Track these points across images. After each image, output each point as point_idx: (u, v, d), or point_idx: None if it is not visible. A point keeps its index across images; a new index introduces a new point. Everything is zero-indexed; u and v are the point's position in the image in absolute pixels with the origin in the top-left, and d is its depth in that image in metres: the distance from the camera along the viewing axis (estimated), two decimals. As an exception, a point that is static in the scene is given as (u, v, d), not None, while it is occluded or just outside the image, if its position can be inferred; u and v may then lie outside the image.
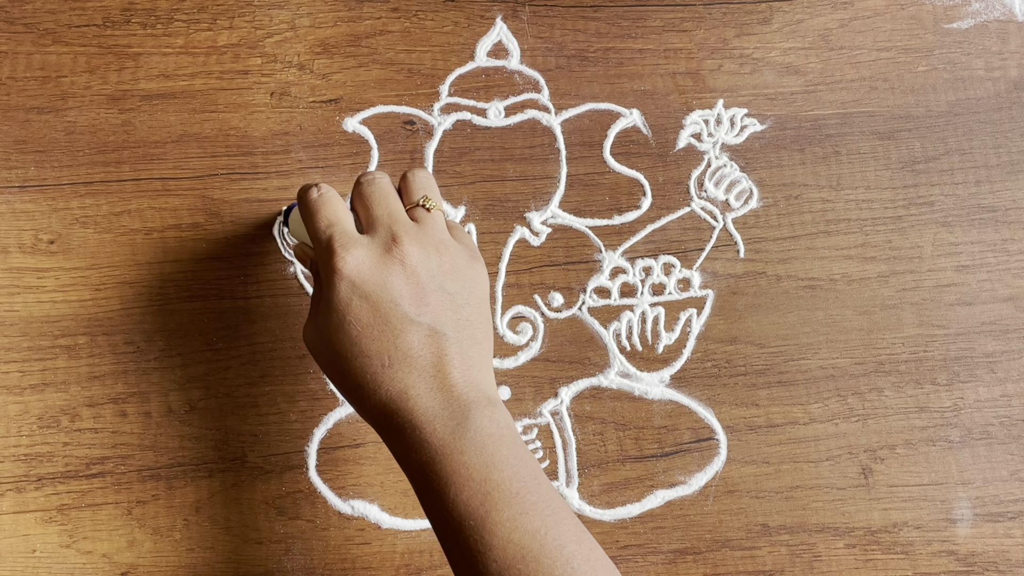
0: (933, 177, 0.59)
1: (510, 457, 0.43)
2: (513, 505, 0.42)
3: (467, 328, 0.46)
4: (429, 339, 0.44)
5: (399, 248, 0.45)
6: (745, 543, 0.55)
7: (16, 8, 0.58)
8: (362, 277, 0.45)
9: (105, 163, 0.57)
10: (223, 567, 0.53)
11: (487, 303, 0.48)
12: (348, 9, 0.59)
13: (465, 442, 0.43)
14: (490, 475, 0.42)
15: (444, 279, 0.46)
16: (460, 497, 0.42)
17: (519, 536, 0.41)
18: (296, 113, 0.58)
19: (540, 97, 0.59)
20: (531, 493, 0.43)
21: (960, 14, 0.61)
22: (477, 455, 0.43)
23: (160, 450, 0.54)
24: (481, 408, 0.44)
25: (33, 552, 0.53)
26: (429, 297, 0.45)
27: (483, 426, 0.43)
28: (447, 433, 0.43)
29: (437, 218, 0.48)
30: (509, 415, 0.45)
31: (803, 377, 0.57)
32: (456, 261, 0.47)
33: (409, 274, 0.45)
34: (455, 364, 0.44)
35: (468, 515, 0.42)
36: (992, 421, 0.56)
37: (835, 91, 0.60)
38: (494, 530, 0.41)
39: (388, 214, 0.47)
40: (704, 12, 0.61)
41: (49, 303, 0.55)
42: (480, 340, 0.46)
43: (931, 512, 0.55)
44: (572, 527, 0.43)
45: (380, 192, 0.48)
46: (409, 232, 0.46)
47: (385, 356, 0.44)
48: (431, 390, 0.44)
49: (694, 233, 0.58)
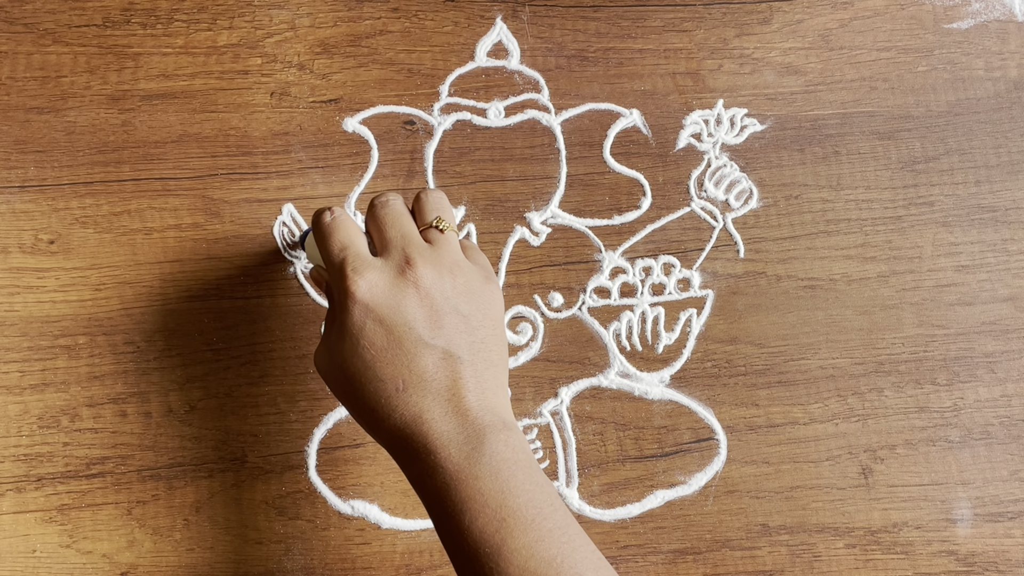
0: (933, 177, 0.59)
1: (526, 483, 0.43)
2: (529, 532, 0.42)
3: (482, 351, 0.45)
4: (443, 362, 0.44)
5: (413, 270, 0.45)
6: (745, 543, 0.55)
7: (16, 8, 0.58)
8: (376, 300, 0.44)
9: (105, 163, 0.57)
10: (223, 567, 0.53)
11: (502, 324, 0.47)
12: (348, 9, 0.59)
13: (480, 467, 0.42)
14: (506, 501, 0.42)
15: (458, 301, 0.45)
16: (475, 523, 0.42)
17: (535, 564, 0.41)
18: (296, 113, 0.58)
19: (540, 97, 0.59)
20: (547, 520, 0.42)
21: (960, 14, 0.61)
22: (492, 480, 0.42)
23: (160, 450, 0.54)
24: (496, 432, 0.43)
25: (33, 552, 0.53)
26: (443, 320, 0.45)
27: (498, 451, 0.43)
28: (462, 458, 0.43)
29: (451, 239, 0.48)
30: (524, 438, 0.45)
31: (803, 377, 0.57)
32: (470, 283, 0.46)
33: (423, 296, 0.45)
34: (470, 387, 0.44)
35: (484, 542, 0.42)
36: (992, 421, 0.56)
37: (835, 91, 0.60)
38: (510, 558, 0.41)
39: (402, 236, 0.47)
40: (704, 12, 0.61)
41: (49, 303, 0.55)
42: (495, 362, 0.46)
43: (931, 512, 0.55)
44: (589, 554, 0.42)
45: (393, 214, 0.47)
46: (423, 254, 0.46)
47: (399, 380, 0.44)
48: (446, 414, 0.43)
49: (694, 233, 0.58)
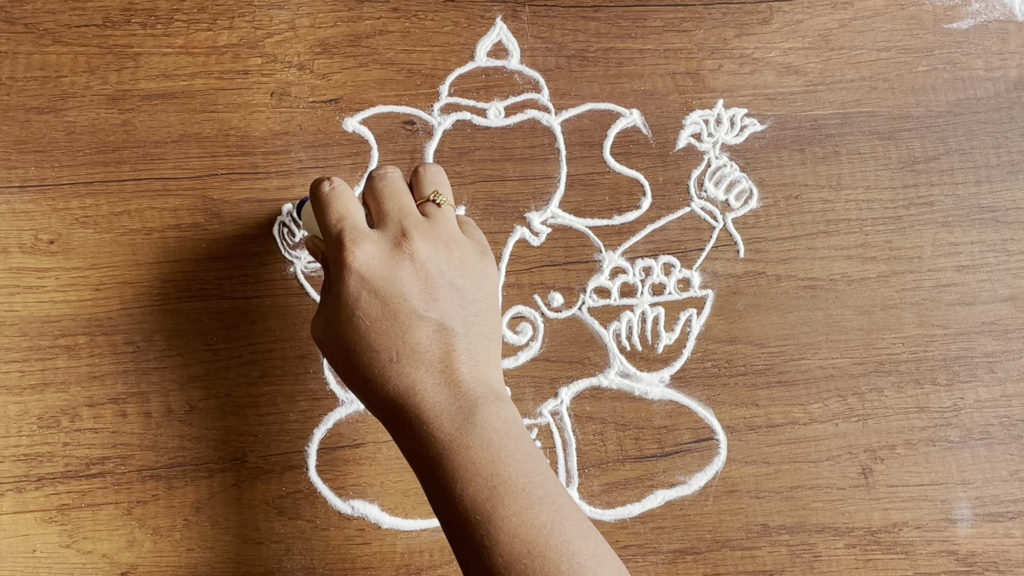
0: (933, 177, 0.59)
1: (517, 452, 0.43)
2: (519, 500, 0.42)
3: (476, 324, 0.46)
4: (437, 334, 0.44)
5: (409, 243, 0.45)
6: (745, 543, 0.55)
7: (16, 8, 0.58)
8: (371, 272, 0.45)
9: (105, 163, 0.57)
10: (223, 567, 0.53)
11: (496, 299, 0.48)
12: (348, 9, 0.59)
13: (472, 437, 0.43)
14: (496, 470, 0.42)
15: (453, 274, 0.46)
16: (466, 492, 0.42)
17: (525, 531, 0.41)
18: (296, 113, 0.58)
19: (540, 97, 0.59)
20: (537, 488, 0.43)
21: (960, 14, 0.61)
22: (484, 450, 0.43)
23: (160, 450, 0.54)
24: (488, 403, 0.44)
25: (33, 552, 0.53)
26: (438, 292, 0.45)
27: (490, 421, 0.43)
28: (454, 428, 0.43)
29: (447, 213, 0.48)
30: (516, 410, 0.45)
31: (803, 377, 0.57)
32: (465, 256, 0.47)
33: (418, 269, 0.45)
34: (463, 359, 0.44)
35: (474, 510, 0.42)
36: (992, 421, 0.56)
37: (835, 91, 0.60)
38: (500, 525, 0.42)
39: (399, 208, 0.47)
40: (704, 12, 0.61)
41: (49, 303, 0.55)
42: (489, 336, 0.46)
43: (931, 512, 0.55)
44: (579, 522, 0.43)
45: (391, 187, 0.48)
46: (419, 227, 0.46)
47: (393, 351, 0.44)
48: (438, 385, 0.44)
49: (694, 233, 0.58)
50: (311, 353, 0.55)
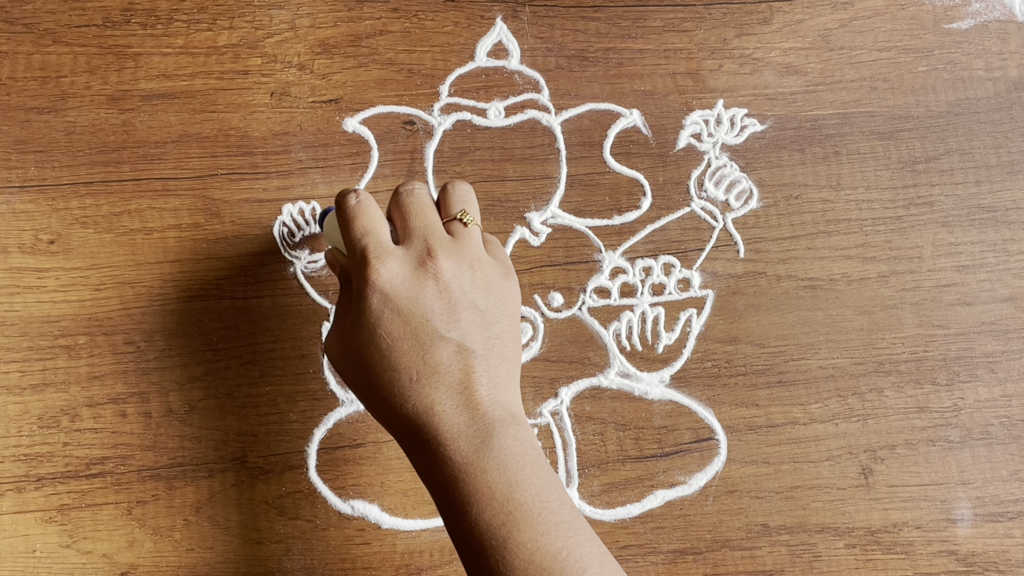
0: (933, 177, 0.59)
1: (533, 477, 0.43)
2: (535, 526, 0.42)
3: (496, 346, 0.45)
4: (458, 356, 0.44)
5: (434, 262, 0.45)
6: (745, 543, 0.55)
7: (16, 8, 0.58)
8: (395, 290, 0.44)
9: (105, 163, 0.57)
10: (223, 567, 0.53)
11: (518, 321, 0.47)
12: (348, 9, 0.59)
13: (488, 460, 0.43)
14: (512, 494, 0.42)
15: (476, 296, 0.46)
16: (482, 516, 0.42)
17: (540, 558, 0.41)
18: (296, 113, 0.58)
19: (540, 97, 0.59)
20: (553, 514, 0.42)
21: (960, 14, 0.61)
22: (500, 474, 0.42)
23: (160, 450, 0.54)
24: (506, 426, 0.43)
25: (33, 552, 0.53)
26: (460, 313, 0.45)
27: (507, 445, 0.43)
28: (471, 451, 0.43)
29: (473, 233, 0.48)
30: (533, 434, 0.45)
31: (803, 377, 0.57)
32: (489, 278, 0.46)
33: (442, 289, 0.45)
34: (482, 382, 0.44)
35: (490, 535, 0.42)
36: (992, 421, 0.56)
37: (835, 91, 0.60)
38: (515, 551, 0.41)
39: (425, 226, 0.47)
40: (704, 12, 0.61)
41: (49, 303, 0.55)
42: (509, 358, 0.46)
43: (931, 512, 0.55)
44: (594, 548, 0.43)
45: (418, 203, 0.47)
46: (444, 246, 0.46)
47: (413, 371, 0.44)
48: (457, 407, 0.44)
49: (694, 233, 0.58)
50: (311, 353, 0.55)
